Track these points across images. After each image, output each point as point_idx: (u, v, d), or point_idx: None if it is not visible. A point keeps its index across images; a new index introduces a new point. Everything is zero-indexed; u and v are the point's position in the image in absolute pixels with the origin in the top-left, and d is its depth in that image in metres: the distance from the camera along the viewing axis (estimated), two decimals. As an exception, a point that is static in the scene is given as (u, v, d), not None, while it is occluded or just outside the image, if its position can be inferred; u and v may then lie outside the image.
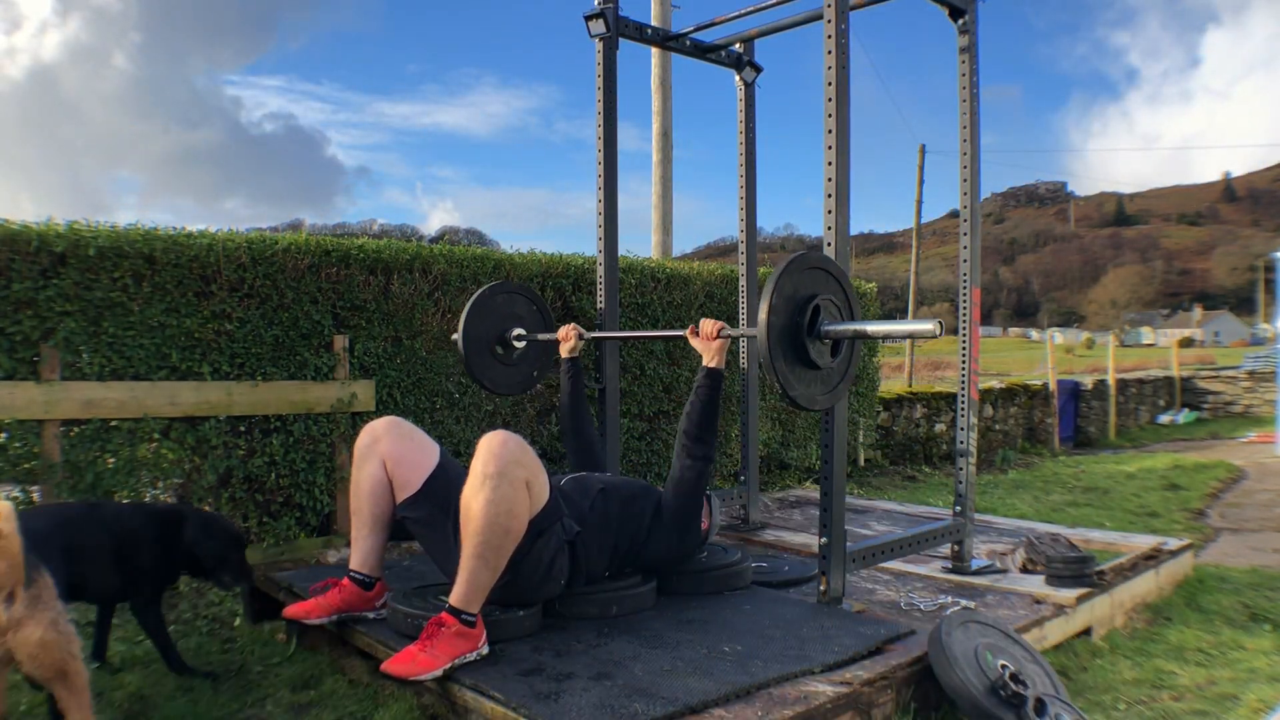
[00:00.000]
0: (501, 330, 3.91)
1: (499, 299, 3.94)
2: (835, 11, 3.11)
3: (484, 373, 3.86)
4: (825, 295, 2.83)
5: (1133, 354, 38.32)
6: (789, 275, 2.74)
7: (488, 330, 3.87)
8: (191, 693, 2.83)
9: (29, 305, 3.91)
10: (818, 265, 2.87)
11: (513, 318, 3.96)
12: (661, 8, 10.05)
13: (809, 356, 2.77)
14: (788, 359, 2.74)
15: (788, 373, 2.74)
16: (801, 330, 2.75)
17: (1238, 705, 2.81)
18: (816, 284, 2.84)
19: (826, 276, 2.88)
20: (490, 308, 3.89)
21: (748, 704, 2.30)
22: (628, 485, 3.19)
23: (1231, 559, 4.98)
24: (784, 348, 2.72)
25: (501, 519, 2.56)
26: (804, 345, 2.76)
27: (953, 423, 9.00)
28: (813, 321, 2.78)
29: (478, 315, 3.83)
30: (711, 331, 3.06)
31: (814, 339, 2.78)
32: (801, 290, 2.78)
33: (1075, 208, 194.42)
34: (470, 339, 3.79)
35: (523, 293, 4.05)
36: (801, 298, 2.77)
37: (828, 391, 2.90)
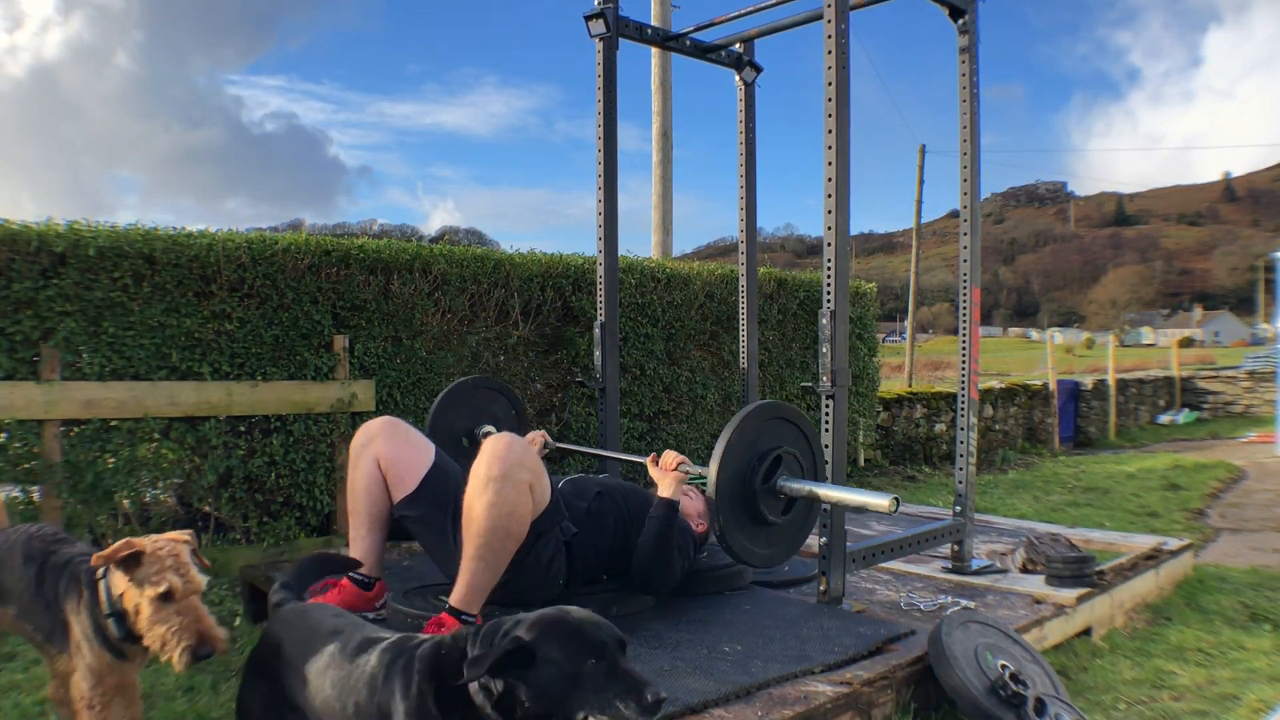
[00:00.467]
0: (473, 425, 3.80)
1: (480, 393, 3.88)
2: (835, 11, 3.11)
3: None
4: (785, 449, 2.85)
5: (1133, 354, 38.32)
6: (744, 429, 2.77)
7: (459, 423, 3.78)
8: (191, 693, 2.83)
9: (29, 305, 3.91)
10: (780, 416, 2.91)
11: (486, 415, 3.84)
12: (661, 8, 10.05)
13: (761, 514, 2.80)
14: (738, 519, 2.79)
15: (736, 531, 2.79)
16: (754, 489, 2.78)
17: (1238, 705, 2.81)
18: (776, 436, 2.86)
19: (789, 428, 2.91)
20: (468, 400, 3.82)
21: (748, 704, 2.30)
22: (625, 489, 3.19)
23: (1231, 559, 4.98)
24: (733, 509, 2.77)
25: (504, 521, 2.56)
26: (755, 504, 2.79)
27: (953, 423, 9.00)
28: (767, 478, 2.80)
29: (452, 404, 3.76)
30: (671, 463, 3.02)
31: (768, 496, 2.81)
32: (758, 445, 2.81)
33: (1075, 208, 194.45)
34: (438, 427, 3.70)
35: (504, 393, 3.99)
36: (756, 454, 2.80)
37: (776, 550, 2.93)
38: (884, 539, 3.49)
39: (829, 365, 3.10)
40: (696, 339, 6.36)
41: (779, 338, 6.98)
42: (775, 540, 2.87)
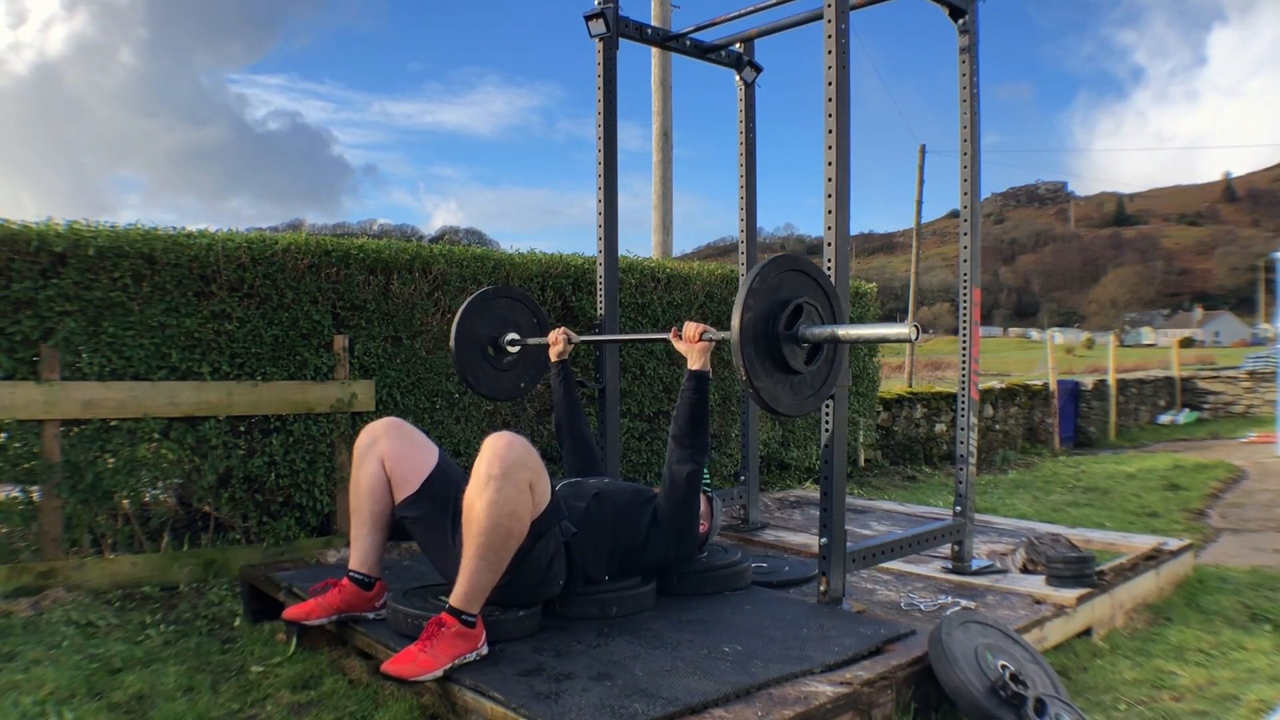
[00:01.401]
0: (496, 334, 3.90)
1: (501, 302, 3.94)
2: (835, 11, 3.11)
3: (471, 370, 3.84)
4: (803, 299, 2.80)
5: (1133, 354, 38.33)
6: (763, 279, 2.72)
7: (483, 331, 3.86)
8: (191, 693, 2.83)
9: (29, 305, 3.91)
10: (796, 269, 2.85)
11: (510, 323, 3.94)
12: (661, 8, 10.05)
13: (785, 361, 2.75)
14: (762, 362, 2.71)
15: (762, 376, 2.72)
16: (777, 334, 2.73)
17: (1238, 705, 2.81)
18: (794, 288, 2.82)
19: (807, 280, 2.86)
20: (489, 309, 3.88)
21: (748, 704, 2.30)
22: (623, 490, 3.19)
23: (1232, 559, 4.98)
24: (757, 350, 2.70)
25: (504, 520, 2.56)
26: (779, 350, 2.74)
27: (953, 423, 9.00)
28: (789, 325, 2.75)
29: (474, 314, 3.82)
30: (694, 334, 3.07)
31: (790, 344, 2.76)
32: (778, 294, 2.76)
33: (1075, 208, 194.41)
34: (463, 335, 3.78)
35: (524, 301, 4.04)
36: (777, 302, 2.75)
37: (804, 398, 2.87)
38: (884, 539, 3.49)
39: (829, 365, 3.09)
40: (696, 339, 6.34)
41: (779, 338, 6.97)
42: (801, 388, 2.84)
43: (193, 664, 3.08)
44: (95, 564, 3.97)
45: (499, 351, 3.91)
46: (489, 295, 3.92)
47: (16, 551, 3.90)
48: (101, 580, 3.95)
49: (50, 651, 3.13)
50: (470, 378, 3.84)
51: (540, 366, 4.06)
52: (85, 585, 3.90)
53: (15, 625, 3.41)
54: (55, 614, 3.53)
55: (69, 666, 2.97)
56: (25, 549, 3.91)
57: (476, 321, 3.84)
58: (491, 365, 3.91)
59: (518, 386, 4.02)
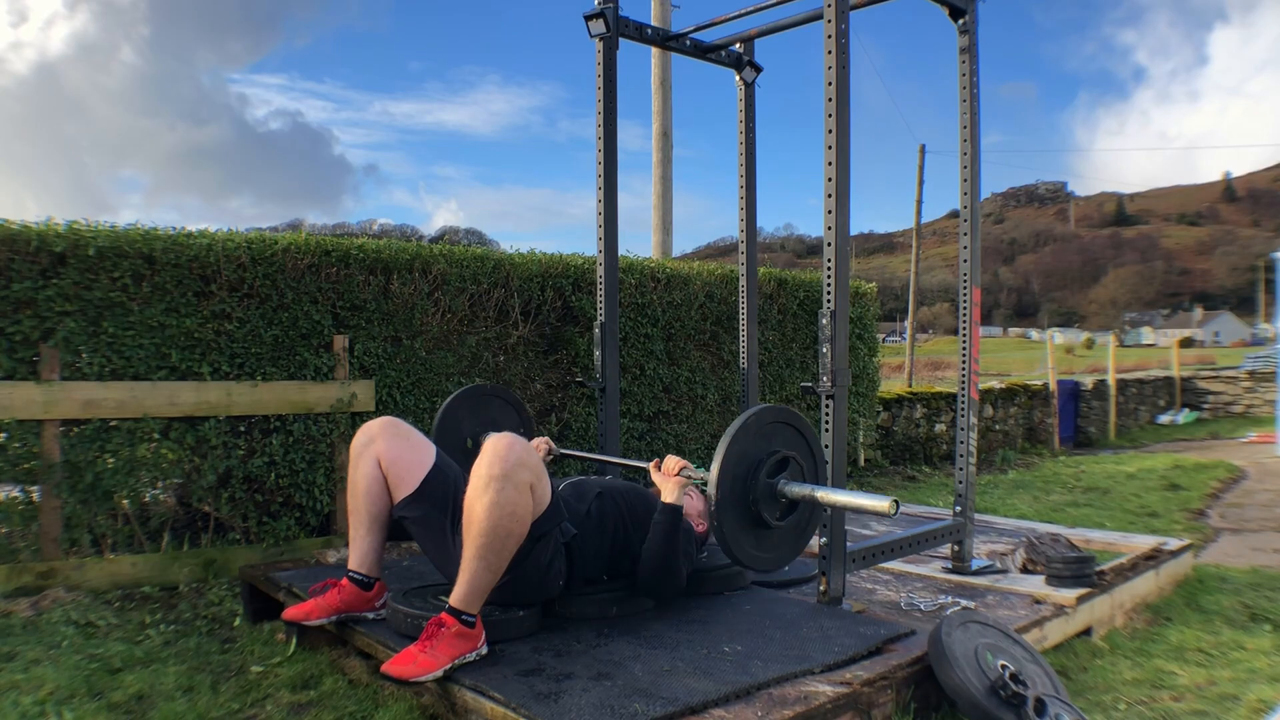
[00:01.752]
0: (479, 430, 3.81)
1: (494, 402, 3.91)
2: (835, 11, 3.11)
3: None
4: (785, 453, 2.84)
5: (1133, 354, 38.33)
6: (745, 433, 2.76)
7: (467, 424, 3.80)
8: (191, 693, 2.83)
9: (29, 305, 3.91)
10: (781, 420, 2.89)
11: (495, 425, 3.86)
12: (661, 8, 10.05)
13: (761, 516, 2.79)
14: (738, 522, 2.77)
15: (739, 535, 2.77)
16: (755, 491, 2.77)
17: (1238, 705, 2.81)
18: (777, 439, 2.85)
19: (790, 431, 2.89)
20: (478, 405, 3.85)
21: (748, 704, 2.30)
22: (625, 490, 3.19)
23: (1232, 559, 4.98)
24: (734, 511, 2.75)
25: (505, 521, 2.56)
26: (756, 504, 2.77)
27: (953, 423, 9.00)
28: (769, 481, 2.79)
29: (461, 405, 3.79)
30: (673, 468, 3.04)
31: (769, 500, 2.80)
32: (759, 447, 2.80)
33: (1075, 208, 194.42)
34: (446, 423, 3.73)
35: (515, 407, 4.00)
36: (757, 456, 2.79)
37: (780, 553, 2.90)
38: (884, 539, 3.49)
39: (829, 365, 3.10)
40: (696, 339, 6.35)
41: (779, 338, 6.97)
42: (777, 544, 2.86)
43: (193, 664, 3.08)
44: (95, 564, 3.97)
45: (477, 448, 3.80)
46: (483, 391, 3.90)
47: (16, 551, 3.90)
48: (101, 580, 3.95)
49: (50, 651, 3.13)
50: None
51: None
52: (85, 585, 3.90)
53: (15, 625, 3.41)
54: (55, 614, 3.53)
55: (69, 666, 2.97)
56: (25, 549, 3.91)
57: (463, 413, 3.79)
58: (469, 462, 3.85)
59: None
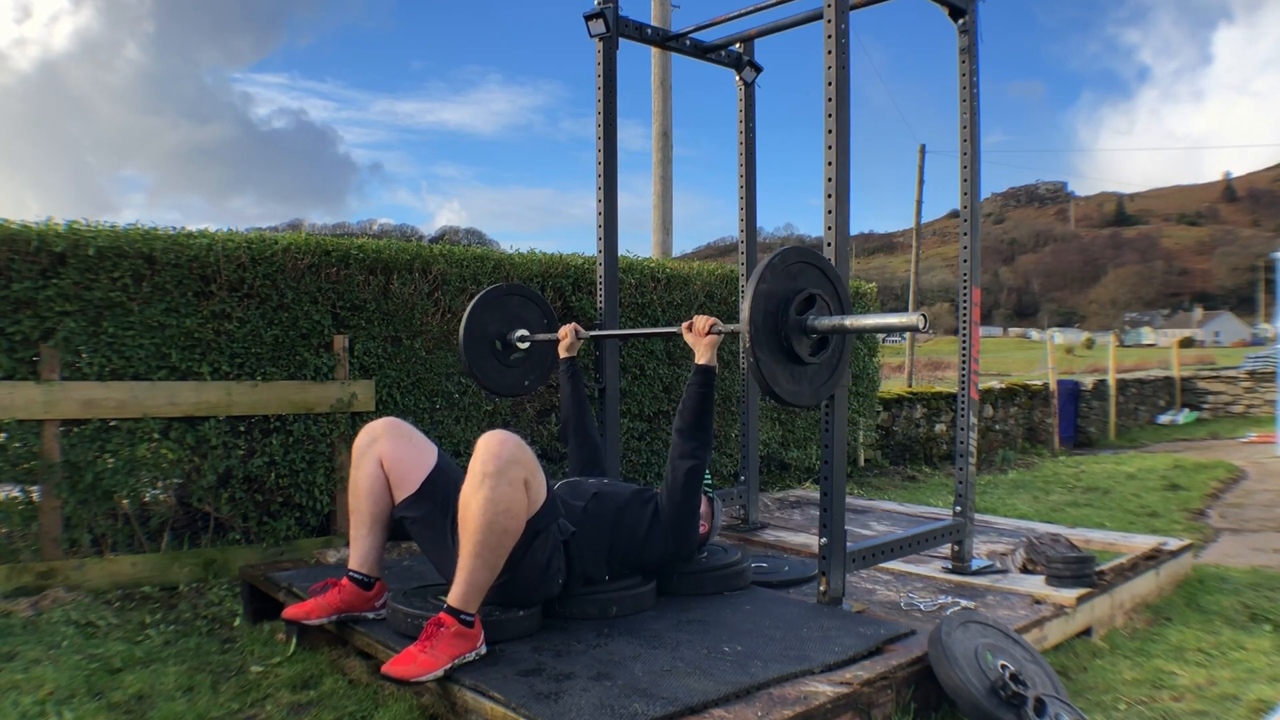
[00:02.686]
0: (506, 330, 3.92)
1: (513, 300, 3.96)
2: (835, 11, 3.11)
3: (478, 363, 3.85)
4: (811, 290, 2.80)
5: (1133, 354, 38.32)
6: (772, 270, 2.72)
7: (492, 326, 3.89)
8: (191, 693, 2.83)
9: (29, 305, 3.91)
10: (804, 260, 2.84)
11: (520, 321, 3.97)
12: (661, 8, 10.05)
13: (794, 352, 2.75)
14: (772, 354, 2.71)
15: (774, 367, 2.72)
16: (786, 325, 2.73)
17: (1238, 705, 2.81)
18: (802, 279, 2.81)
19: (814, 271, 2.86)
20: (501, 305, 3.91)
21: (748, 704, 2.30)
22: (622, 489, 3.19)
23: (1232, 559, 4.98)
24: (767, 343, 2.70)
25: (500, 518, 2.56)
26: (789, 341, 2.73)
27: (953, 423, 9.00)
28: (798, 317, 2.76)
29: (486, 308, 3.85)
30: (703, 327, 3.09)
31: (799, 334, 2.76)
32: (786, 286, 2.76)
33: (1075, 208, 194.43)
34: (473, 328, 3.80)
35: (536, 300, 4.05)
36: (786, 293, 2.75)
37: (816, 387, 2.87)
38: (884, 539, 3.49)
39: (829, 365, 3.09)
40: (696, 339, 6.34)
41: (779, 338, 6.96)
42: (811, 378, 2.84)
43: (193, 664, 3.08)
44: (95, 564, 3.97)
45: (507, 347, 3.93)
46: (501, 292, 3.94)
47: (16, 551, 3.90)
48: (101, 580, 3.95)
49: (50, 651, 3.13)
50: (477, 371, 3.85)
51: (546, 367, 4.07)
52: (85, 585, 3.90)
53: (15, 625, 3.41)
54: (55, 614, 3.53)
55: (69, 666, 2.97)
56: (25, 549, 3.91)
57: (487, 316, 3.86)
58: (498, 360, 3.93)
59: (522, 384, 4.04)
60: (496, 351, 3.91)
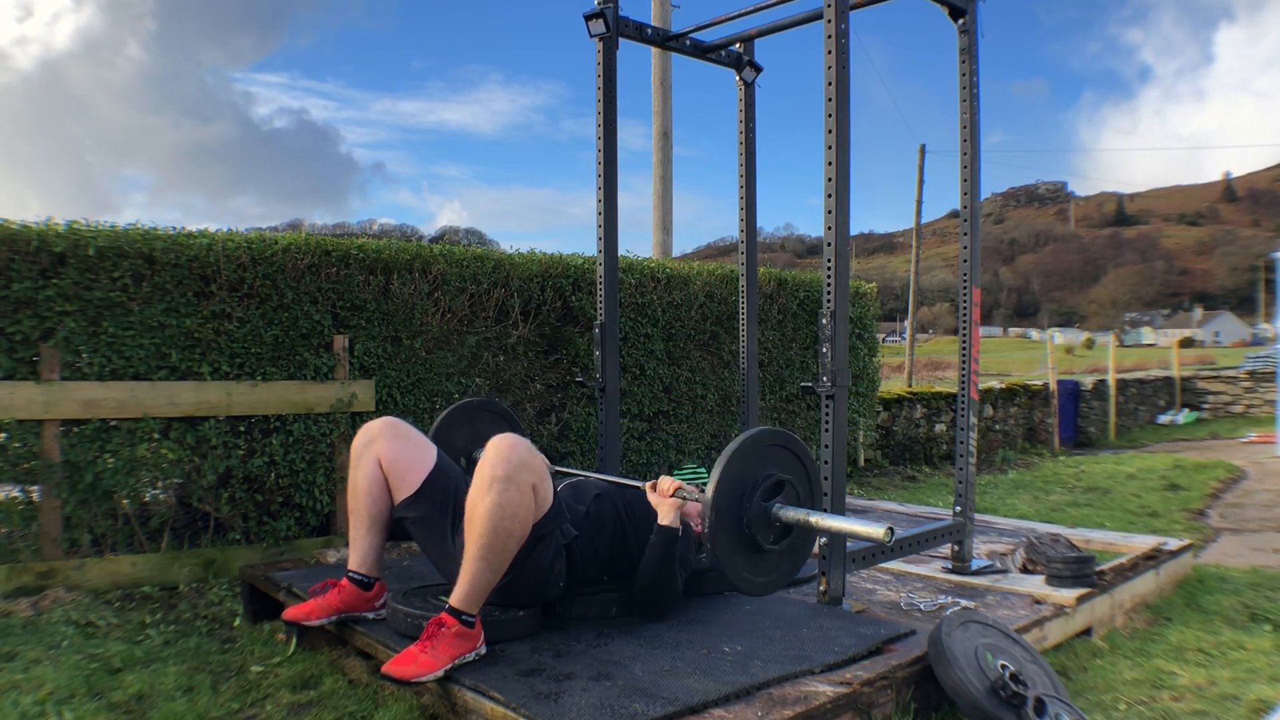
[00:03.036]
0: (472, 447, 3.77)
1: (484, 415, 3.87)
2: (835, 11, 3.11)
3: None
4: (780, 476, 2.81)
5: (1133, 354, 38.33)
6: (744, 452, 2.73)
7: (459, 442, 3.76)
8: (191, 693, 2.83)
9: (29, 305, 3.91)
10: (778, 444, 2.85)
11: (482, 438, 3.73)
12: (661, 7, 10.05)
13: (755, 541, 2.75)
14: (731, 544, 2.72)
15: (733, 558, 2.72)
16: (750, 515, 2.73)
17: (1238, 705, 2.81)
18: (773, 463, 2.82)
19: (786, 454, 2.86)
20: (470, 421, 3.81)
21: (748, 704, 2.30)
22: (624, 491, 3.19)
23: (1232, 559, 4.98)
24: (728, 534, 2.71)
25: (506, 522, 2.56)
26: (751, 530, 2.73)
27: (953, 423, 9.00)
28: (764, 503, 2.76)
29: (454, 423, 3.75)
30: (667, 489, 2.98)
31: (762, 524, 2.76)
32: (757, 469, 2.77)
33: (1075, 208, 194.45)
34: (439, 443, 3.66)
35: (508, 420, 3.96)
36: (756, 476, 2.76)
37: (774, 576, 2.85)
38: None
39: (829, 365, 3.10)
40: (696, 339, 6.35)
41: (779, 338, 6.97)
42: (770, 569, 2.83)
43: (193, 664, 3.08)
44: (95, 564, 3.97)
45: (471, 466, 3.69)
46: (473, 407, 3.85)
47: (16, 551, 3.90)
48: (101, 580, 3.95)
49: (50, 651, 3.13)
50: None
51: None
52: (85, 585, 3.90)
53: (15, 625, 3.41)
54: (55, 614, 3.53)
55: (69, 666, 2.97)
56: (25, 549, 3.91)
57: (454, 432, 3.75)
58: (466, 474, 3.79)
59: None
60: (463, 469, 3.64)
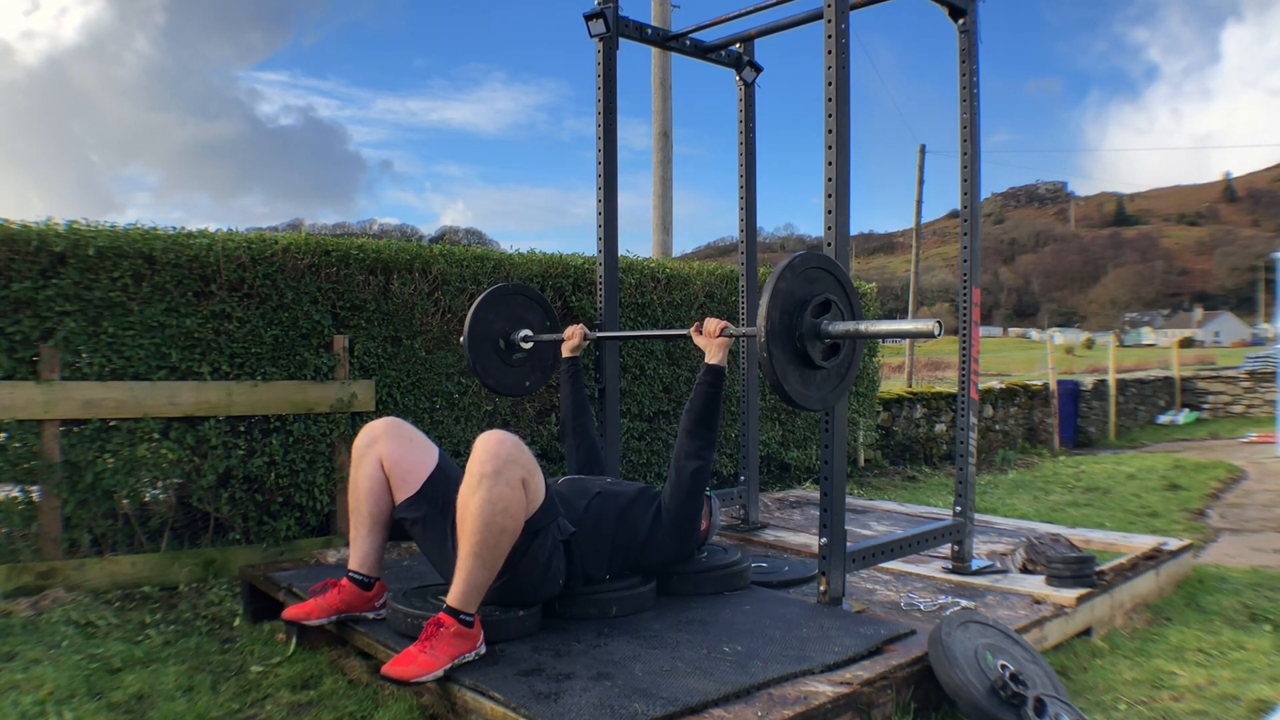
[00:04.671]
0: (510, 329, 3.94)
1: (518, 300, 3.98)
2: (835, 11, 3.11)
3: (481, 361, 3.87)
4: (827, 295, 2.82)
5: (1133, 354, 38.33)
6: (789, 274, 2.74)
7: (497, 325, 3.90)
8: (191, 693, 2.83)
9: (29, 305, 3.91)
10: (819, 265, 2.86)
11: (524, 321, 3.99)
12: (661, 8, 10.05)
13: (808, 356, 2.77)
14: (786, 357, 2.73)
15: (787, 370, 2.73)
16: (801, 329, 2.74)
17: (1238, 705, 2.81)
18: (818, 284, 2.83)
19: (828, 277, 2.87)
20: (505, 305, 3.93)
21: (748, 704, 2.30)
22: (625, 488, 3.19)
23: (1232, 559, 4.98)
24: (782, 347, 2.71)
25: (498, 518, 2.56)
26: (803, 344, 2.75)
27: (953, 423, 9.00)
28: (813, 321, 2.77)
29: (490, 307, 3.87)
30: (714, 329, 3.12)
31: (814, 339, 2.77)
32: (802, 290, 2.78)
33: (1075, 208, 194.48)
34: (477, 327, 3.82)
35: (540, 302, 4.07)
36: (802, 297, 2.77)
37: (825, 392, 2.89)
38: (884, 539, 3.49)
39: (829, 365, 3.09)
40: (696, 339, 6.35)
41: (779, 338, 6.96)
42: (820, 384, 2.86)
43: (192, 664, 3.08)
44: (95, 564, 3.97)
45: (510, 347, 3.96)
46: (506, 290, 3.95)
47: (16, 551, 3.90)
48: (101, 580, 3.95)
49: (50, 651, 3.13)
50: (480, 369, 3.87)
51: (547, 369, 4.08)
52: (85, 585, 3.90)
53: (15, 625, 3.41)
54: (55, 614, 3.53)
55: (69, 666, 2.97)
56: (25, 549, 3.91)
57: (491, 315, 3.88)
58: (501, 360, 3.95)
59: (524, 384, 4.05)
60: (500, 351, 3.93)
